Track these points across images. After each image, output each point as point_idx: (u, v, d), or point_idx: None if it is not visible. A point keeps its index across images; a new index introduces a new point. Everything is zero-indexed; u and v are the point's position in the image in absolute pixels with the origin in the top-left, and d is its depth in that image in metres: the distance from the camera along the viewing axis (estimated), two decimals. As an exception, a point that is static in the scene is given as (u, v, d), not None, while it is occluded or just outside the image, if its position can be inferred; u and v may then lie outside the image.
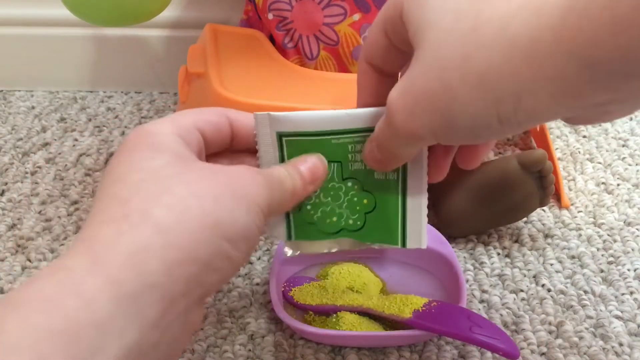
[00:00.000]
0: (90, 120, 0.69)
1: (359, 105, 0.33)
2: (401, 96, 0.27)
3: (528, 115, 0.24)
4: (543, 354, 0.42)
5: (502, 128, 0.25)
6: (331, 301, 0.43)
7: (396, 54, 0.30)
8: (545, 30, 0.22)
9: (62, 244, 0.51)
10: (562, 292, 0.47)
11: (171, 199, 0.25)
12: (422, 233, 0.34)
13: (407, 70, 0.27)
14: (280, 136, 0.32)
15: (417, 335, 0.40)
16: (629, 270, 0.49)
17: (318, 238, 0.35)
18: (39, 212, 0.55)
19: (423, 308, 0.40)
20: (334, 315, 0.42)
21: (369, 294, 0.44)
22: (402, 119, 0.27)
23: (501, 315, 0.45)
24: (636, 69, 0.21)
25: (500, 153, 0.62)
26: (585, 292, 0.47)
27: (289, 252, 0.36)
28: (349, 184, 0.34)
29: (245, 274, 0.48)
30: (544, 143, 0.59)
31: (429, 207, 0.35)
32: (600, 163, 0.61)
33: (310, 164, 0.32)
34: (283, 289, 0.44)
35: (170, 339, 0.25)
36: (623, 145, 0.64)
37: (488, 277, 0.48)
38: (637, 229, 0.53)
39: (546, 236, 0.52)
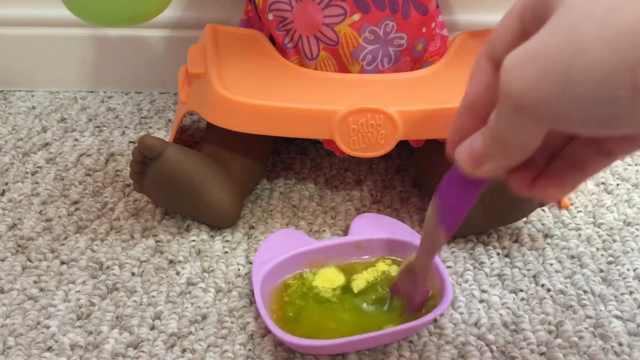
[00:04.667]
0: (90, 120, 0.69)
1: (464, 101, 0.30)
2: (517, 54, 0.24)
3: None
4: (543, 353, 0.42)
5: (632, 108, 0.21)
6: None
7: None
8: None
9: (63, 244, 0.51)
10: (561, 292, 0.47)
11: None
12: None
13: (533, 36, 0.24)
14: None
15: (409, 329, 0.41)
16: (628, 270, 0.49)
17: None
18: (40, 212, 0.55)
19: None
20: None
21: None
22: (511, 78, 0.23)
23: (501, 315, 0.45)
24: None
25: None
26: (585, 292, 0.47)
27: None
28: None
29: (246, 274, 0.49)
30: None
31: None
32: (599, 163, 0.61)
33: None
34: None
35: None
36: (623, 145, 0.64)
37: (488, 277, 0.48)
38: (636, 229, 0.53)
39: (546, 236, 0.52)
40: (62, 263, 0.50)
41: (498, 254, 0.50)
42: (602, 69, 0.21)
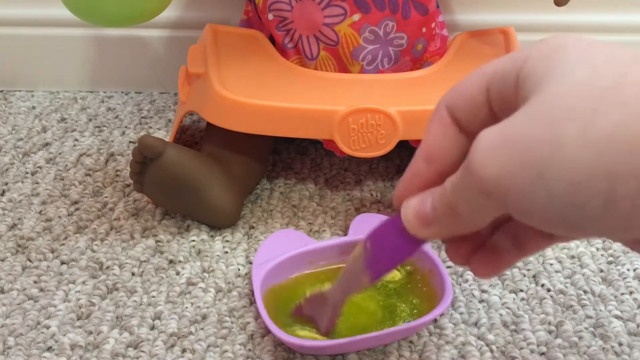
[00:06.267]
0: (90, 120, 0.69)
1: (421, 149, 0.28)
2: (492, 136, 0.23)
3: None
4: (543, 353, 0.42)
5: (601, 216, 0.21)
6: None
7: (487, 115, 0.26)
8: None
9: (63, 244, 0.51)
10: (561, 291, 0.47)
11: None
12: None
13: (508, 118, 0.23)
14: None
15: (404, 329, 0.41)
16: (628, 270, 0.49)
17: None
18: (40, 212, 0.55)
19: None
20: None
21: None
22: (482, 160, 0.22)
23: (501, 315, 0.45)
24: None
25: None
26: (585, 291, 0.47)
27: None
28: None
29: (246, 274, 0.49)
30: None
31: None
32: (599, 163, 0.61)
33: None
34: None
35: None
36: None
37: (488, 277, 0.48)
38: (636, 229, 0.53)
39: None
40: (62, 263, 0.50)
41: (498, 254, 0.50)
42: (579, 171, 0.20)
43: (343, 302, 0.38)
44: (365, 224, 0.50)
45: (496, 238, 0.29)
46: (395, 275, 0.46)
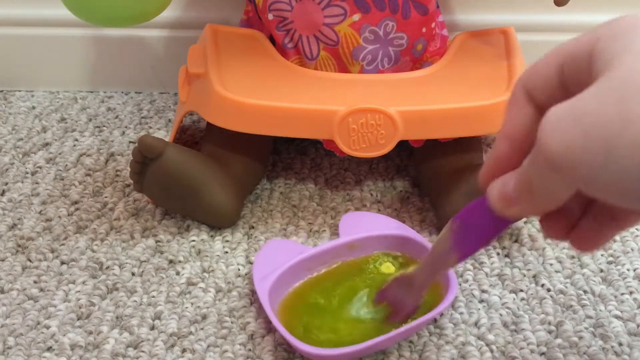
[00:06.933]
0: (90, 120, 0.69)
1: (502, 130, 0.29)
2: (561, 112, 0.23)
3: None
4: (543, 353, 0.42)
5: None
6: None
7: (562, 94, 0.26)
8: None
9: (63, 244, 0.51)
10: (561, 291, 0.47)
11: None
12: None
13: (578, 95, 0.24)
14: None
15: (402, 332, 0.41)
16: (628, 270, 0.49)
17: None
18: (40, 212, 0.55)
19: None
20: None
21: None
22: (551, 135, 0.23)
23: (501, 315, 0.45)
24: None
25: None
26: (585, 291, 0.47)
27: None
28: None
29: (246, 274, 0.49)
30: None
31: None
32: (600, 163, 0.61)
33: None
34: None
35: None
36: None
37: (488, 277, 0.48)
38: (636, 229, 0.53)
39: (546, 236, 0.52)
40: (62, 263, 0.50)
41: (498, 254, 0.50)
42: None
43: (429, 283, 0.39)
44: (352, 224, 0.50)
45: (590, 215, 0.29)
46: (394, 275, 0.46)
